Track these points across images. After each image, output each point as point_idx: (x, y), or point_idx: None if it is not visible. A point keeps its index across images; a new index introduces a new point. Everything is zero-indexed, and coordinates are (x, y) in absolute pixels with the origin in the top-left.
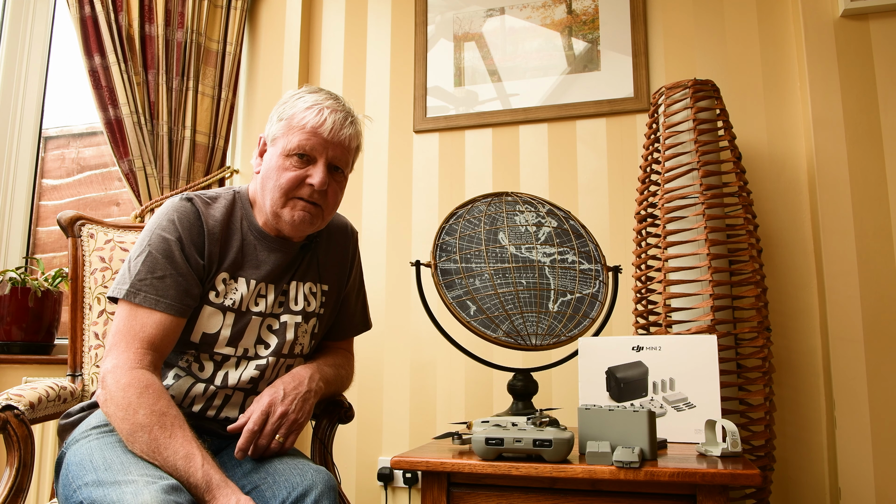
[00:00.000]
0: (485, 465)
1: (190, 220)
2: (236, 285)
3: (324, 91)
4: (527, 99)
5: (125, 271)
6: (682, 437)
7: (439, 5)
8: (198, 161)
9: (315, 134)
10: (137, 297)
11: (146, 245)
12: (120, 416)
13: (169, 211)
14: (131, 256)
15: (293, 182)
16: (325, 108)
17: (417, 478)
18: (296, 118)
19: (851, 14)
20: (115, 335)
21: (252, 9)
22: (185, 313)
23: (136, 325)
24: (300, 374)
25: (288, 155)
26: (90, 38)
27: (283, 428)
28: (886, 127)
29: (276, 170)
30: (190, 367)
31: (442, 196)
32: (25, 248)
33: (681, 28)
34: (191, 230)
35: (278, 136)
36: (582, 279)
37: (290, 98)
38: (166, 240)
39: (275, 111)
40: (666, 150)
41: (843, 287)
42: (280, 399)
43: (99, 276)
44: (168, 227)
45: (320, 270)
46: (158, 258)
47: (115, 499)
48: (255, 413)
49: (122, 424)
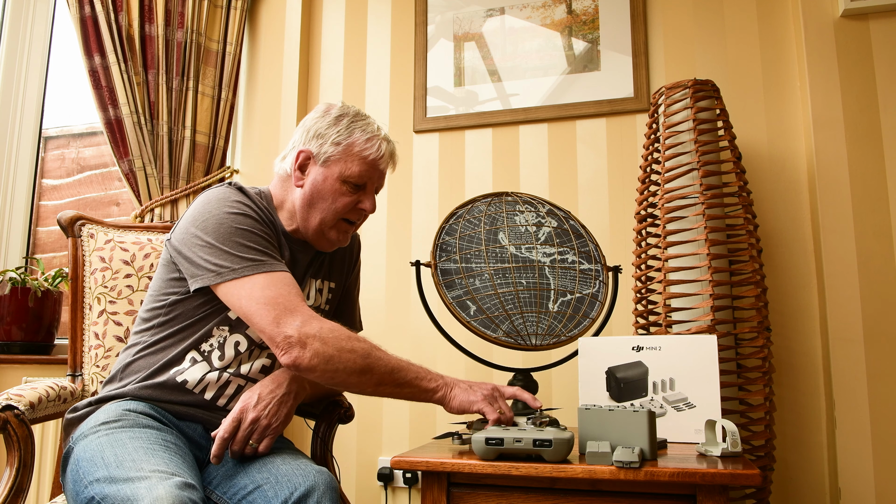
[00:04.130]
0: (485, 465)
1: (247, 203)
2: None
3: (367, 116)
4: (527, 99)
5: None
6: (682, 437)
7: (439, 5)
8: (198, 161)
9: (374, 167)
10: (267, 267)
11: (232, 227)
12: (348, 353)
13: (229, 194)
14: (215, 240)
15: (349, 207)
16: (382, 140)
17: (417, 478)
18: (356, 147)
19: (851, 14)
20: (270, 300)
21: (252, 9)
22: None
23: (283, 287)
24: (280, 376)
25: (345, 181)
26: (90, 38)
27: (255, 434)
28: (886, 127)
29: (331, 193)
30: (210, 355)
31: (442, 196)
32: (25, 248)
33: (681, 28)
34: (257, 214)
35: (334, 159)
36: (582, 279)
37: (339, 121)
38: (250, 217)
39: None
40: (666, 150)
41: (843, 287)
42: (252, 405)
43: (99, 276)
44: (244, 208)
45: (329, 269)
46: (256, 232)
47: (129, 494)
48: (226, 420)
49: (353, 357)
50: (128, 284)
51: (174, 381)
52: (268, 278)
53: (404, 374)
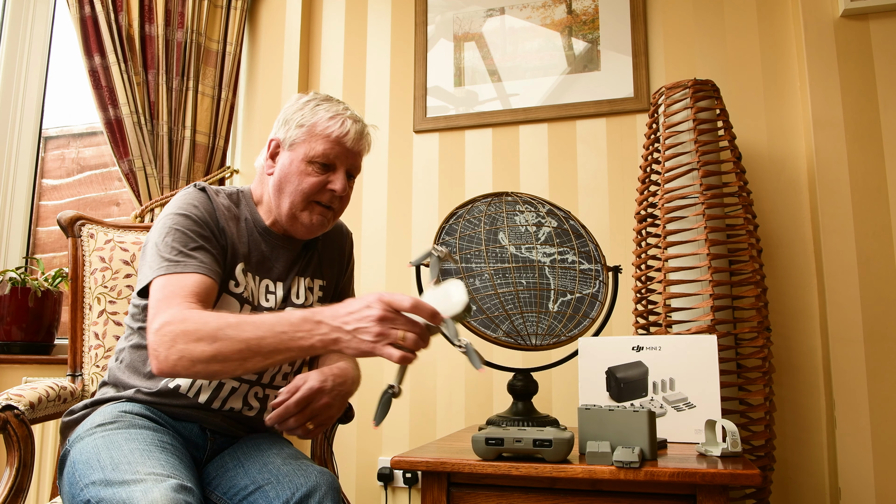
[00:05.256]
0: (485, 465)
1: (207, 206)
2: (246, 280)
3: (335, 99)
4: (527, 99)
5: (153, 255)
6: (682, 437)
7: (439, 5)
8: (198, 161)
9: (339, 143)
10: (178, 267)
11: (170, 227)
12: (193, 339)
13: (187, 196)
14: (155, 241)
15: (315, 187)
16: (347, 118)
17: (417, 478)
18: (319, 126)
19: (851, 14)
20: (156, 305)
21: (252, 9)
22: (218, 284)
23: (176, 286)
24: (347, 372)
25: (310, 161)
26: (90, 38)
27: (319, 418)
28: (886, 127)
29: (297, 174)
30: None
31: (442, 196)
32: (25, 248)
33: (681, 28)
34: (210, 215)
35: (298, 142)
36: (582, 279)
37: (306, 105)
38: (191, 217)
39: (291, 115)
40: (666, 150)
41: (843, 287)
42: (328, 389)
43: (99, 276)
44: (190, 208)
45: (318, 267)
46: (187, 233)
47: (125, 497)
48: (298, 394)
49: (200, 344)
50: (128, 284)
51: (167, 388)
52: (168, 280)
53: (269, 342)
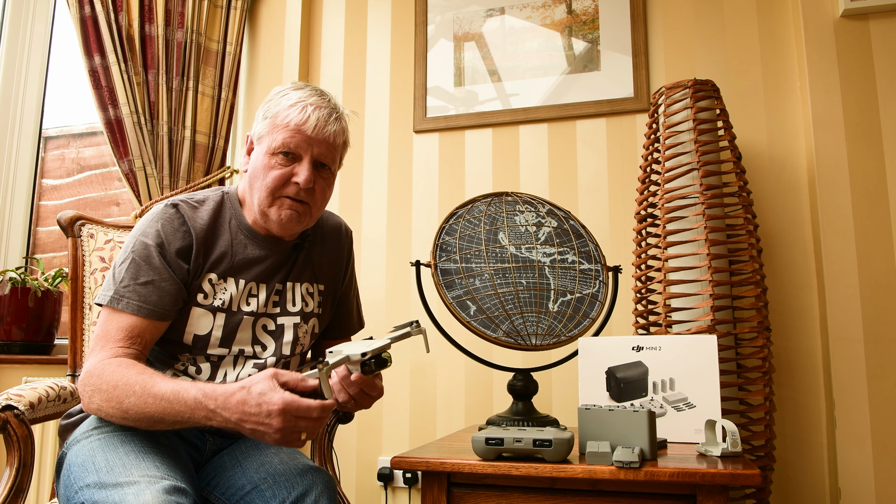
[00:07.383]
0: (485, 465)
1: (174, 225)
2: (225, 285)
3: (309, 87)
4: (527, 99)
5: (110, 278)
6: (682, 437)
7: (439, 5)
8: (198, 161)
9: (299, 132)
10: (120, 304)
11: (129, 252)
12: (105, 399)
13: (153, 218)
14: (116, 263)
15: (279, 181)
16: (308, 104)
17: (417, 478)
18: (279, 116)
19: (851, 14)
20: (94, 340)
21: (252, 9)
22: (168, 317)
23: (112, 326)
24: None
25: (273, 153)
26: (90, 38)
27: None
28: (886, 127)
29: (262, 168)
30: (186, 370)
31: (442, 196)
32: (25, 248)
33: (681, 28)
34: (174, 235)
35: (263, 135)
36: (582, 279)
37: (276, 95)
38: (148, 246)
39: (260, 109)
40: (666, 150)
41: (843, 287)
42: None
43: (99, 276)
44: (151, 233)
45: (315, 270)
46: (141, 264)
47: (118, 500)
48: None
49: (110, 405)
50: None
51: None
52: (109, 316)
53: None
